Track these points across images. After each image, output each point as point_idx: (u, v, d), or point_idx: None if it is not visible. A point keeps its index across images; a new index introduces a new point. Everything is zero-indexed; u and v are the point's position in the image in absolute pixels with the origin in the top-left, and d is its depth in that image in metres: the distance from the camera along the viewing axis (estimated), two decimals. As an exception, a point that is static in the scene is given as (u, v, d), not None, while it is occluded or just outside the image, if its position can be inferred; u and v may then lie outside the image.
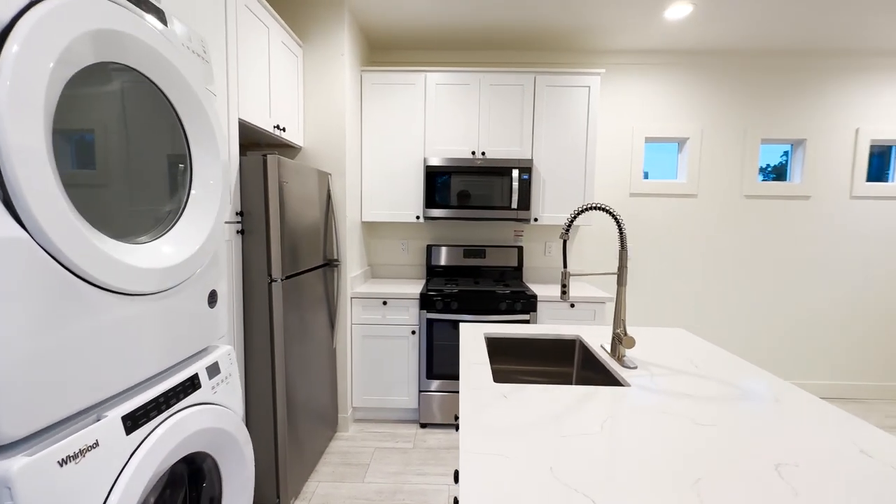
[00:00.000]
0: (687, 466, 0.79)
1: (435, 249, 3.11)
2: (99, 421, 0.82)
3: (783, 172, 3.28)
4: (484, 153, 2.80)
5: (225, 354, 1.25)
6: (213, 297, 1.21)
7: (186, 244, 1.06)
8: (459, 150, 2.80)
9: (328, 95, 2.45)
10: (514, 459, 0.81)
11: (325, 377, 2.38)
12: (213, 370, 1.18)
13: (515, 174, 2.70)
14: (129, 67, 0.93)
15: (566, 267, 1.39)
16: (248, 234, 1.77)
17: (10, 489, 0.66)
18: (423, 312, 2.60)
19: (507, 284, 2.84)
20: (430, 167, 2.75)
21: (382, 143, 2.82)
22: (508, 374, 1.72)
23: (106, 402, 0.89)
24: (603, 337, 1.64)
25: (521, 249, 3.11)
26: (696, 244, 3.17)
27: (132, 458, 0.87)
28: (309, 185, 2.14)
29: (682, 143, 3.18)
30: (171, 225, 1.07)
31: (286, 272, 1.86)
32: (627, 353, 1.47)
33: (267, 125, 1.98)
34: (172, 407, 1.00)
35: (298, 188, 2.00)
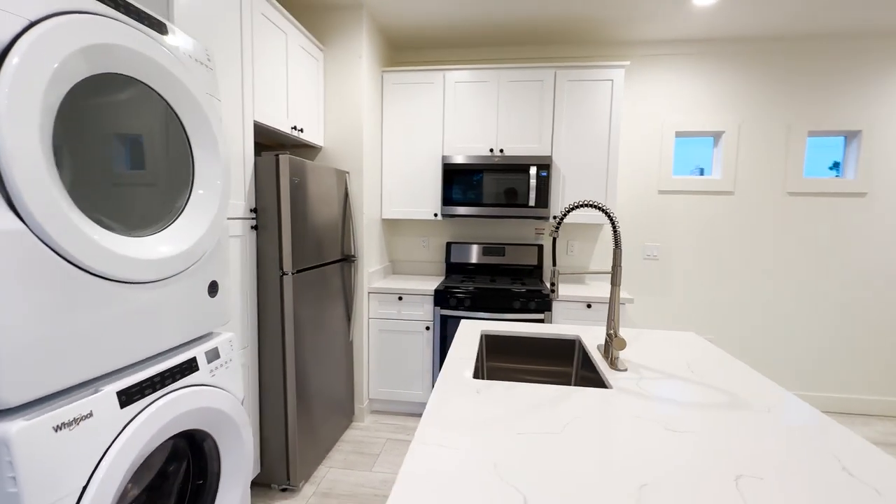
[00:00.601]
0: (637, 472, 0.77)
1: (454, 247, 3.13)
2: (95, 394, 0.92)
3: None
4: (502, 150, 2.79)
5: (226, 341, 1.35)
6: (213, 287, 1.30)
7: (183, 239, 1.16)
8: (478, 147, 2.81)
9: (347, 97, 2.54)
10: (463, 453, 0.82)
11: (341, 368, 2.48)
12: (212, 355, 1.27)
13: (533, 171, 2.66)
14: (134, 78, 1.03)
15: (555, 265, 1.37)
16: (261, 229, 1.88)
17: (8, 448, 0.76)
18: (437, 309, 2.63)
19: (523, 283, 2.81)
20: (447, 165, 2.77)
21: (402, 141, 2.88)
22: (506, 371, 1.72)
23: (105, 377, 0.99)
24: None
25: (541, 248, 3.06)
26: (731, 245, 2.98)
27: (125, 429, 0.96)
28: (325, 183, 2.23)
29: (717, 137, 3.00)
30: (172, 221, 1.17)
31: (298, 266, 1.95)
32: (622, 354, 1.43)
33: (284, 126, 2.09)
34: (168, 386, 1.10)
35: (314, 186, 2.10)
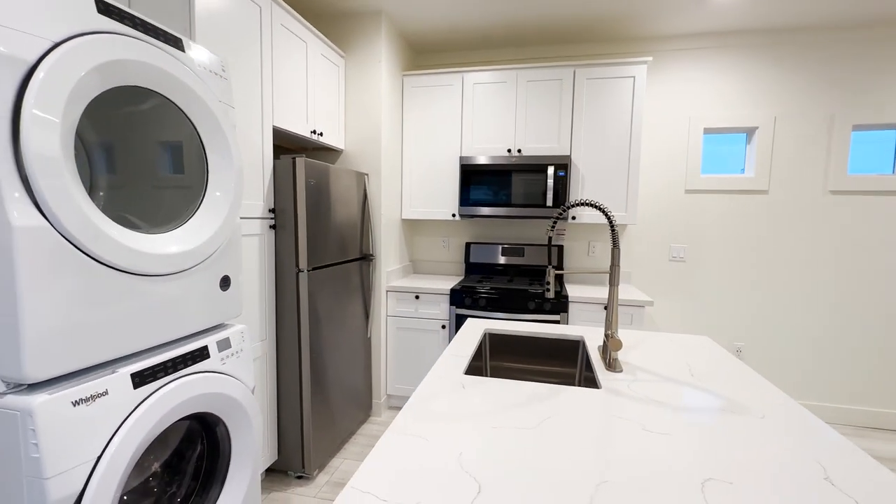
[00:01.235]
0: (601, 470, 0.77)
1: (474, 247, 3.15)
2: (111, 374, 1.02)
3: None
4: (520, 150, 2.78)
5: (237, 332, 1.44)
6: (225, 281, 1.40)
7: (197, 236, 1.26)
8: (495, 148, 2.81)
9: (367, 101, 2.62)
10: (431, 443, 0.85)
11: (358, 363, 2.56)
12: (223, 344, 1.37)
13: (551, 171, 2.64)
14: (153, 91, 1.14)
15: (550, 264, 1.37)
16: (279, 228, 1.98)
17: (32, 417, 0.87)
18: (452, 308, 2.67)
19: (541, 284, 2.78)
20: (465, 165, 2.80)
21: (422, 143, 2.93)
22: (511, 371, 1.72)
23: (121, 360, 1.09)
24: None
25: (561, 248, 3.02)
26: (765, 247, 2.82)
27: (137, 408, 1.06)
28: (343, 184, 2.32)
29: (750, 133, 2.85)
30: (187, 219, 1.27)
31: (313, 264, 2.04)
32: (621, 356, 1.40)
33: (303, 131, 2.19)
34: (179, 371, 1.20)
35: (331, 187, 2.19)
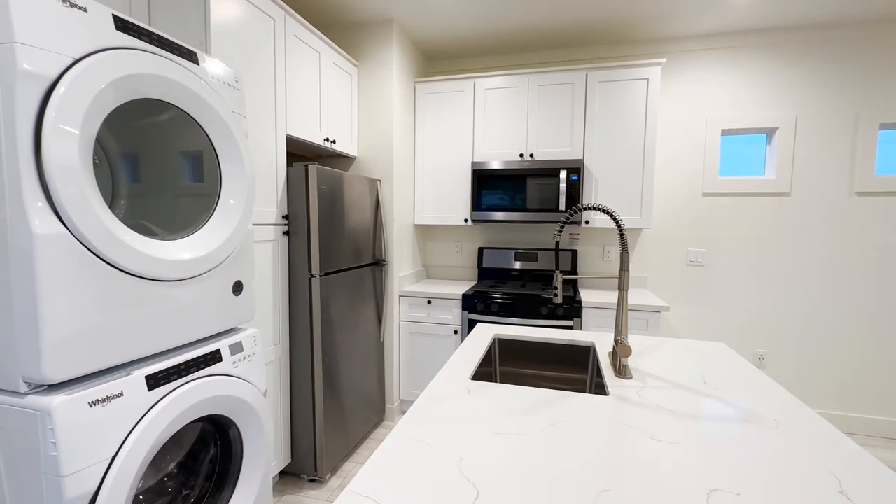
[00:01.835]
0: (604, 478, 0.76)
1: (487, 252, 3.15)
2: (126, 377, 1.06)
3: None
4: (532, 155, 2.77)
5: (249, 336, 1.47)
6: (238, 286, 1.43)
7: (210, 242, 1.29)
8: (507, 152, 2.81)
9: (379, 109, 2.66)
10: (433, 448, 0.85)
11: (371, 368, 2.58)
12: (235, 348, 1.40)
13: (563, 175, 2.62)
14: (170, 103, 1.18)
15: (558, 269, 1.36)
16: (292, 234, 2.02)
17: (50, 417, 0.90)
18: (464, 313, 2.66)
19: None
20: (477, 171, 2.80)
21: (434, 149, 2.95)
22: (521, 377, 1.71)
23: (136, 363, 1.13)
24: (618, 345, 1.54)
25: (575, 253, 2.99)
26: (787, 251, 2.73)
27: (151, 409, 1.09)
28: (356, 190, 2.35)
29: (770, 133, 2.77)
30: (201, 226, 1.31)
31: (326, 269, 2.07)
32: (631, 362, 1.38)
33: (317, 138, 2.23)
34: (192, 373, 1.23)
35: (344, 194, 2.22)
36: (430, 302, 2.74)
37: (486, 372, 1.59)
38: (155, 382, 1.11)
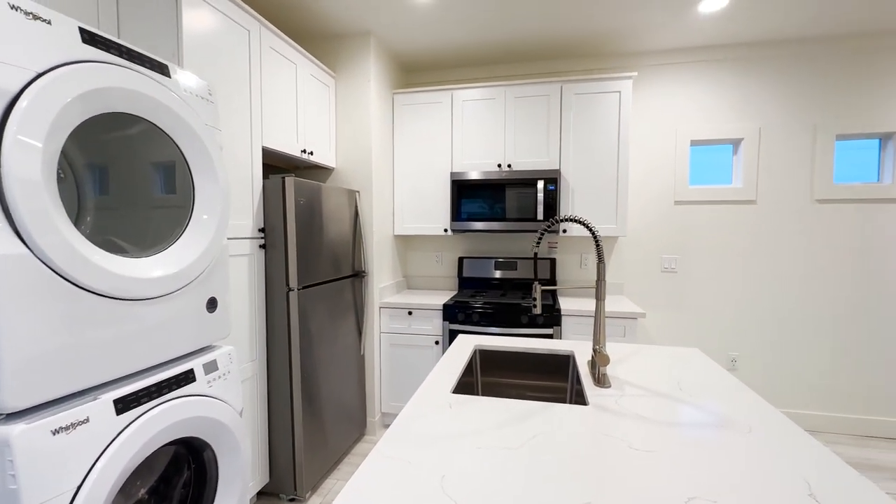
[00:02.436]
0: (583, 490, 0.76)
1: (467, 261, 3.16)
2: (93, 401, 1.01)
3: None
4: (510, 165, 2.81)
5: (225, 354, 1.43)
6: (212, 303, 1.40)
7: (182, 258, 1.26)
8: (486, 163, 2.84)
9: (357, 120, 2.65)
10: (415, 466, 0.84)
11: (351, 381, 2.54)
12: (210, 367, 1.36)
13: (541, 185, 2.67)
14: (140, 117, 1.15)
15: (536, 280, 1.37)
16: (269, 247, 1.99)
17: (9, 448, 0.85)
18: (445, 323, 2.66)
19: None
20: (456, 181, 2.82)
21: (413, 160, 2.96)
22: (502, 387, 1.71)
23: (104, 386, 1.08)
24: (597, 354, 1.56)
25: (554, 261, 3.03)
26: (755, 256, 2.84)
27: (119, 435, 1.04)
28: (334, 202, 2.33)
29: (736, 144, 2.89)
30: (173, 242, 1.27)
31: (304, 282, 2.04)
32: (610, 370, 1.40)
33: (294, 150, 2.21)
34: (164, 395, 1.18)
35: (322, 205, 2.20)
36: (410, 313, 2.72)
37: (467, 382, 1.59)
38: (124, 406, 1.07)
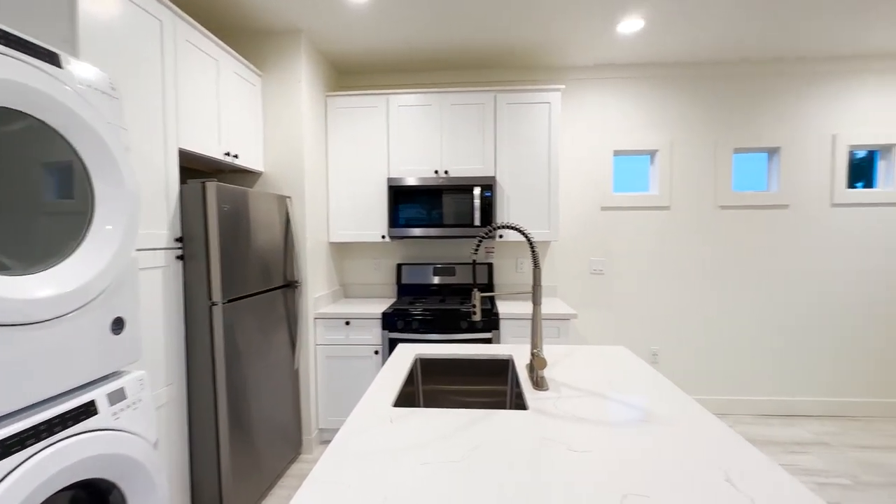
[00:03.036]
0: (525, 498, 0.77)
1: (405, 268, 3.12)
2: (-40, 450, 0.84)
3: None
4: (447, 171, 2.83)
5: (135, 380, 1.28)
6: (118, 323, 1.24)
7: (77, 276, 1.10)
8: (423, 169, 2.83)
9: (287, 122, 2.52)
10: (355, 490, 0.80)
11: (285, 398, 2.39)
12: (116, 396, 1.20)
13: (477, 192, 2.71)
14: (22, 112, 0.99)
15: (476, 287, 1.38)
16: (188, 259, 1.81)
17: None
18: (384, 332, 2.60)
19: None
20: (393, 187, 2.78)
21: (348, 165, 2.87)
22: (444, 394, 1.70)
23: (-25, 430, 0.91)
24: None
25: (491, 266, 3.09)
26: (670, 257, 3.10)
27: (-3, 486, 0.88)
28: (263, 208, 2.19)
29: (652, 155, 3.15)
30: (67, 256, 1.11)
31: (230, 295, 1.89)
32: (548, 373, 1.44)
33: (216, 153, 2.05)
34: (57, 434, 1.02)
35: (249, 212, 2.05)
36: (348, 323, 2.63)
37: (409, 392, 1.55)
38: (4, 451, 0.91)
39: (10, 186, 1.06)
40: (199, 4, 2.20)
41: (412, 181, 2.78)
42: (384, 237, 2.86)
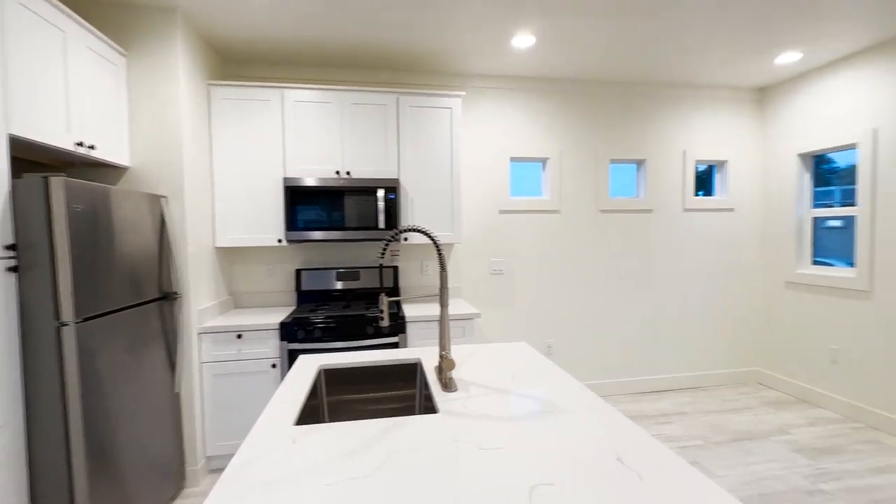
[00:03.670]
0: (439, 499, 0.76)
1: (305, 273, 2.94)
2: None
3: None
4: (349, 172, 2.73)
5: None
6: (-85, 357, 0.95)
7: None
8: (323, 169, 2.70)
9: (161, 110, 2.21)
10: (253, 524, 0.71)
11: (162, 426, 2.08)
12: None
13: (381, 194, 2.66)
14: None
15: (383, 291, 1.35)
16: (25, 270, 1.48)
17: None
18: (283, 343, 2.41)
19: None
20: (290, 187, 2.60)
21: (237, 162, 2.62)
22: (351, 404, 1.63)
23: None
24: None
25: (397, 269, 3.06)
26: (561, 257, 3.39)
27: None
28: (130, 209, 1.88)
29: (544, 162, 3.41)
30: None
31: (86, 313, 1.59)
32: (455, 374, 1.46)
33: (63, 142, 1.70)
34: None
35: (111, 213, 1.75)
36: (240, 336, 2.39)
37: (313, 406, 1.45)
38: None
39: None
40: (37, -38, 1.82)
41: (312, 182, 2.63)
42: (280, 241, 2.66)
